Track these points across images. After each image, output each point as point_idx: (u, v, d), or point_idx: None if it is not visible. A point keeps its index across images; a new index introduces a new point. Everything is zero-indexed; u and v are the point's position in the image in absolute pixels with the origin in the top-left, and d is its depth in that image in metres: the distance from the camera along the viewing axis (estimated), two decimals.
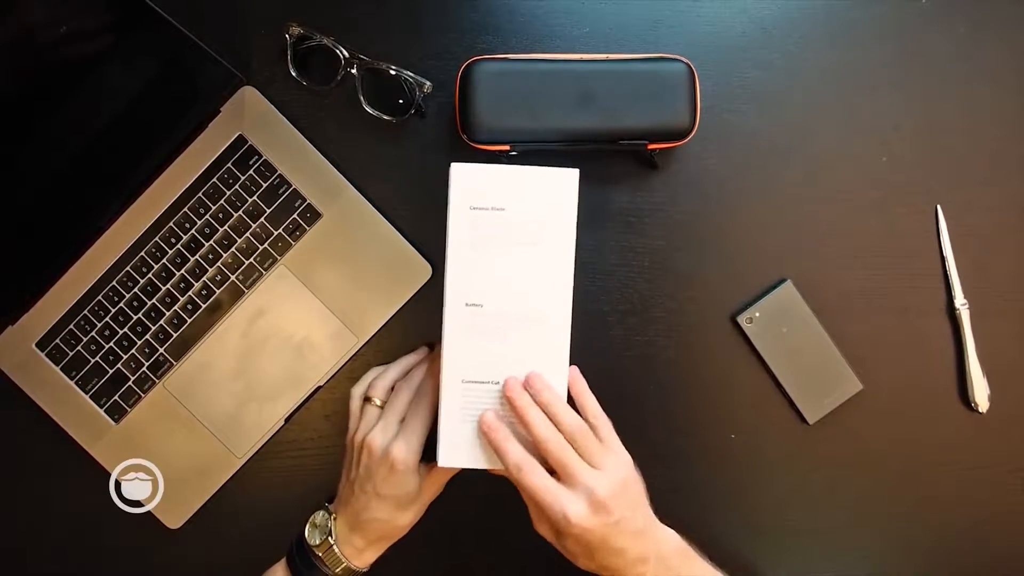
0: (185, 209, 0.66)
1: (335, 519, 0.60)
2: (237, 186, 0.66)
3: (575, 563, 0.56)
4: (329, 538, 0.59)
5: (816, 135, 0.68)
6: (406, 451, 0.57)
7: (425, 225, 0.67)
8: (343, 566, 0.59)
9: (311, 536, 0.60)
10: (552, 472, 0.55)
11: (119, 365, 0.67)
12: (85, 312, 0.67)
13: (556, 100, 0.62)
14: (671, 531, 0.58)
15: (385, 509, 0.58)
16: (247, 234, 0.67)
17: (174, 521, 0.68)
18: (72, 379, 0.67)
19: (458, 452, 0.59)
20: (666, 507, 0.59)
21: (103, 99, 0.62)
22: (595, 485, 0.53)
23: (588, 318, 0.67)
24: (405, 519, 0.59)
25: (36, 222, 0.65)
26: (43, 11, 0.58)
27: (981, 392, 0.68)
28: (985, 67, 0.68)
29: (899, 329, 0.68)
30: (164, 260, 0.67)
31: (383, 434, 0.58)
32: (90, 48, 0.61)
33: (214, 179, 0.66)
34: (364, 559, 0.60)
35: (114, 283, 0.67)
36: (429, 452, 0.59)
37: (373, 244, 0.67)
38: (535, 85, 0.62)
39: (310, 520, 0.61)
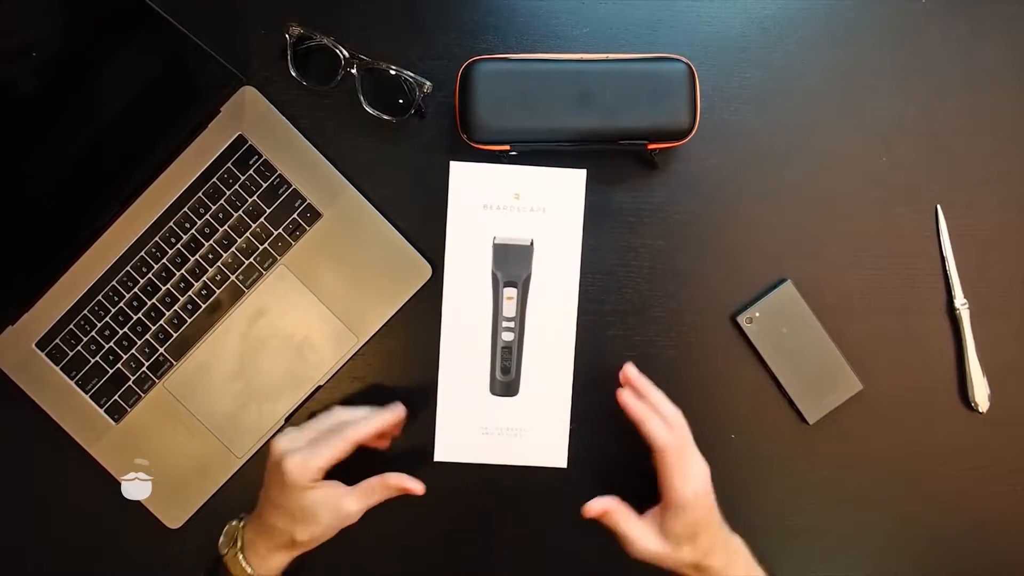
0: (185, 209, 0.66)
1: (243, 526, 0.60)
2: (237, 186, 0.66)
3: (678, 559, 0.56)
4: (235, 546, 0.58)
5: (816, 135, 0.68)
6: (299, 467, 0.55)
7: (425, 225, 0.67)
8: (248, 575, 0.58)
9: (222, 546, 0.60)
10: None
11: (119, 365, 0.67)
12: (85, 312, 0.67)
13: (556, 100, 0.62)
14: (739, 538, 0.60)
15: (281, 518, 0.57)
16: (247, 234, 0.67)
17: (174, 521, 0.68)
18: (72, 379, 0.67)
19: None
20: None
21: (103, 99, 0.62)
22: (705, 466, 0.58)
23: (588, 318, 0.67)
24: (303, 535, 0.57)
25: (36, 222, 0.65)
26: (43, 11, 0.58)
27: (981, 392, 0.68)
28: (985, 67, 0.68)
29: (899, 329, 0.68)
30: (164, 260, 0.67)
31: (288, 442, 0.57)
32: (90, 48, 0.61)
33: (214, 179, 0.66)
34: (268, 567, 0.58)
35: (114, 283, 0.67)
36: (351, 479, 0.58)
37: (373, 244, 0.67)
38: (535, 85, 0.62)
39: (224, 530, 0.61)
